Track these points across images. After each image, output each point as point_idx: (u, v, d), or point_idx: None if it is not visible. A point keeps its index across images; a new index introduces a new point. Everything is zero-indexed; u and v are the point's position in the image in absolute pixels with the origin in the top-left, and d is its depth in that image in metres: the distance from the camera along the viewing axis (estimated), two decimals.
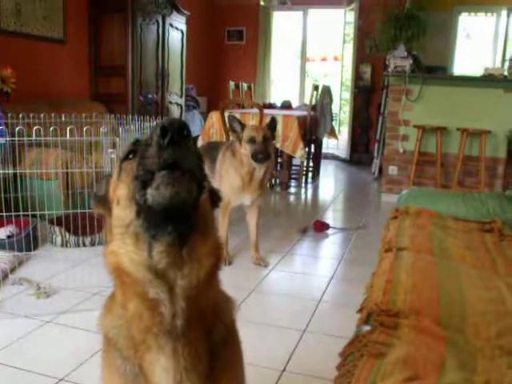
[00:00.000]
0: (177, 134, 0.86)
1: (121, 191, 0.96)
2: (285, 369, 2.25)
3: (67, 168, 4.21)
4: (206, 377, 1.00)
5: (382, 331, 1.50)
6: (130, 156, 0.98)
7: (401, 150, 5.80)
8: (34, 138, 3.07)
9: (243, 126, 3.46)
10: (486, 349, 1.48)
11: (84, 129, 2.78)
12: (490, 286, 1.94)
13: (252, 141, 3.39)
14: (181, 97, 7.35)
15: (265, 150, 3.38)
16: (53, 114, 3.77)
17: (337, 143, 9.12)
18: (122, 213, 0.95)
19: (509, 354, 1.48)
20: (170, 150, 0.86)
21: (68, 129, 2.71)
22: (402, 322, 1.56)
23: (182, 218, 0.92)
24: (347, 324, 2.68)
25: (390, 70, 5.83)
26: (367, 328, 1.59)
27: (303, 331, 2.62)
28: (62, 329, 2.57)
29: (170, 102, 7.00)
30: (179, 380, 0.97)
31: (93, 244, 3.80)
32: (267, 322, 2.67)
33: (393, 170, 5.89)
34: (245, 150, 3.42)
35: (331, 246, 4.34)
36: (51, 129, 2.74)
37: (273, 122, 3.55)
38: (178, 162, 0.87)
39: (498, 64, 7.74)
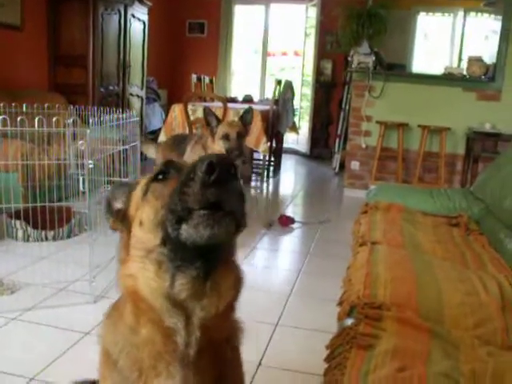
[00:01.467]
0: (224, 173, 0.81)
1: (146, 214, 0.93)
2: (260, 363, 2.24)
3: (27, 160, 4.09)
4: None
5: (368, 323, 1.52)
6: (160, 177, 0.94)
7: (363, 146, 5.87)
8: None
9: (219, 121, 3.42)
10: (466, 339, 1.52)
11: (54, 119, 2.69)
12: (463, 279, 1.98)
13: (226, 137, 3.36)
14: (142, 89, 7.24)
15: (238, 148, 3.36)
16: (13, 104, 3.64)
17: (297, 138, 9.16)
18: (145, 236, 0.91)
19: (487, 343, 1.52)
20: (215, 189, 0.81)
21: (36, 119, 2.63)
22: (385, 314, 1.58)
23: (212, 256, 0.90)
24: (319, 317, 2.72)
25: (353, 66, 5.89)
26: (351, 321, 1.60)
27: (276, 325, 2.62)
28: (28, 326, 2.49)
29: (131, 94, 6.88)
30: None
31: (55, 238, 3.70)
32: (239, 317, 2.65)
33: (355, 165, 5.96)
34: (218, 145, 3.38)
35: (297, 240, 4.36)
36: (19, 119, 2.64)
37: (248, 113, 3.50)
38: (220, 202, 0.83)
39: (455, 63, 7.92)
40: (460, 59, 7.93)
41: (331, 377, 1.32)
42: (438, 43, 8.54)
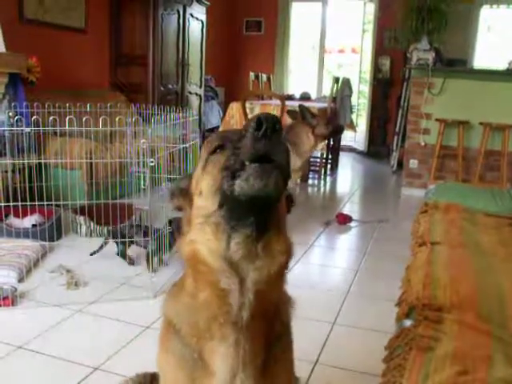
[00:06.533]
0: (270, 128, 0.89)
1: (205, 182, 1.00)
2: (317, 360, 2.25)
3: (91, 158, 4.23)
4: (260, 369, 1.04)
5: (427, 325, 1.50)
6: (218, 151, 1.01)
7: (422, 144, 5.76)
8: (58, 127, 3.10)
9: (314, 117, 3.82)
10: None
11: (117, 119, 2.78)
12: None
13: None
14: (200, 87, 7.35)
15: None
16: (78, 104, 3.78)
17: (354, 135, 9.08)
18: (204, 203, 0.99)
19: None
20: (263, 142, 0.89)
21: (101, 119, 2.72)
22: (445, 317, 1.56)
23: (264, 211, 0.96)
24: (376, 317, 2.71)
25: (412, 62, 5.79)
26: (410, 322, 1.59)
27: (333, 323, 2.62)
28: (93, 318, 2.59)
29: (190, 93, 7.00)
30: (236, 370, 1.01)
31: None
32: (297, 314, 2.67)
33: (413, 163, 5.85)
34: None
35: (354, 238, 4.34)
36: (84, 119, 2.74)
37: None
38: (269, 155, 0.90)
39: None
40: None
41: (390, 378, 1.32)
42: (501, 37, 8.27)
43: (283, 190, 0.95)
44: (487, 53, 8.16)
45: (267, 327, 1.05)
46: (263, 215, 0.96)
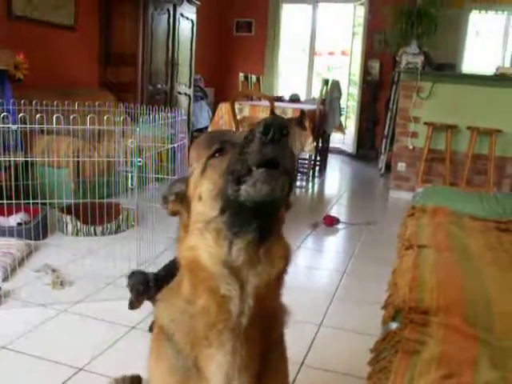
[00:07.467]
0: (278, 133, 0.88)
1: (205, 187, 0.98)
2: (303, 362, 2.25)
3: (78, 156, 4.20)
4: (255, 377, 1.02)
5: (413, 328, 1.50)
6: (217, 155, 1.00)
7: (410, 147, 5.79)
8: (45, 125, 3.07)
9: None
10: None
11: (105, 117, 2.76)
12: None
13: None
14: (189, 87, 7.32)
15: None
16: (66, 102, 3.75)
17: (343, 138, 9.10)
18: (204, 209, 0.97)
19: None
20: (271, 147, 0.88)
21: (88, 117, 2.70)
22: (431, 320, 1.56)
23: (268, 216, 0.95)
24: (362, 319, 2.71)
25: (401, 66, 5.82)
26: (396, 325, 1.59)
27: (319, 326, 2.63)
28: (78, 318, 2.57)
29: (179, 93, 6.97)
30: (231, 377, 0.99)
31: (103, 233, 3.79)
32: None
33: (401, 166, 5.88)
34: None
35: (342, 240, 4.35)
36: (72, 117, 2.72)
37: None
38: (276, 160, 0.89)
39: (508, 63, 7.70)
40: None
41: (375, 381, 1.32)
42: (490, 42, 8.33)
43: (289, 195, 0.95)
44: (476, 58, 8.22)
45: (264, 335, 1.04)
46: (267, 220, 0.95)
